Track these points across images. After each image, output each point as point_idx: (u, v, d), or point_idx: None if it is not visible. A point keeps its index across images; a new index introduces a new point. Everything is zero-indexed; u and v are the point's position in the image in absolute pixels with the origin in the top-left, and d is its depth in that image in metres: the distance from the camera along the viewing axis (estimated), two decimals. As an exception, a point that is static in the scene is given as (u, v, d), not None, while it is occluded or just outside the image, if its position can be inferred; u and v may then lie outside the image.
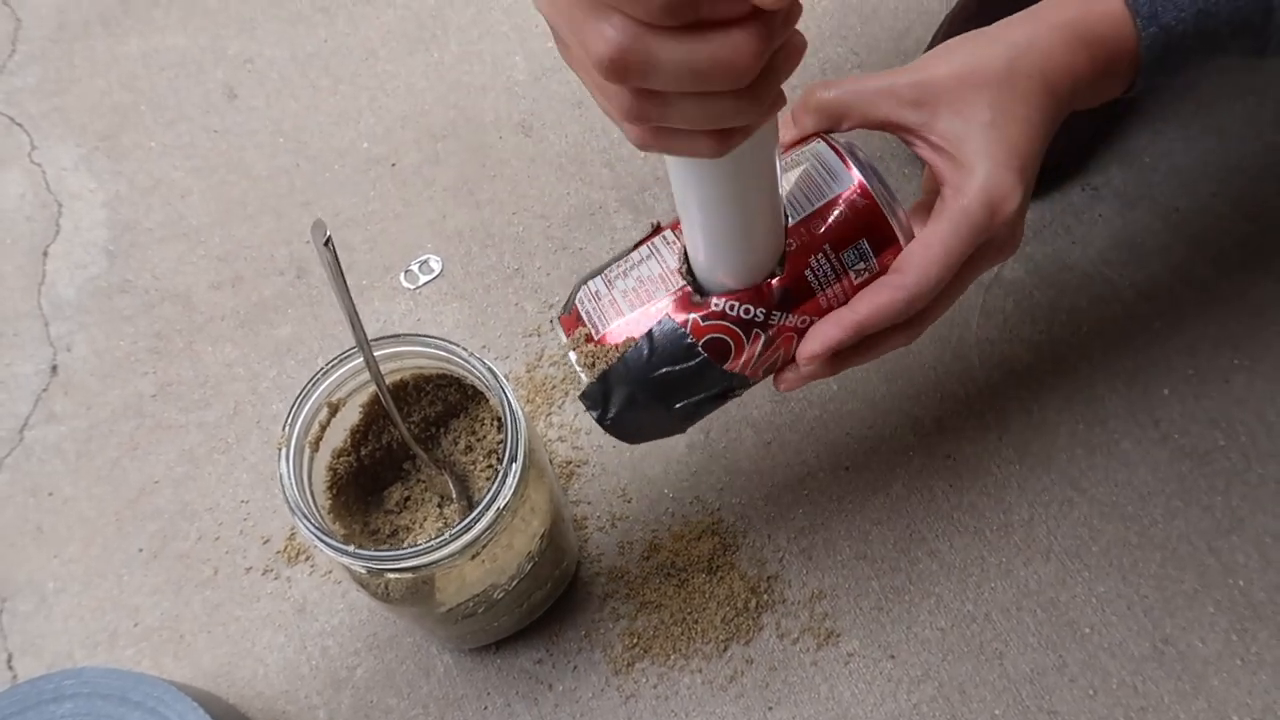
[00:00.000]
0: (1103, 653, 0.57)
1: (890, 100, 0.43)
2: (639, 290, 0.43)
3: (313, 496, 0.47)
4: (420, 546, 0.43)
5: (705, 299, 0.42)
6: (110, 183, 0.74)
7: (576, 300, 0.44)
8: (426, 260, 0.70)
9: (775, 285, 0.42)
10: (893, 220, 0.42)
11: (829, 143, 0.44)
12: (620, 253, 0.45)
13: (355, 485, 0.52)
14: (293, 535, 0.62)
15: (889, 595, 0.59)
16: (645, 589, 0.59)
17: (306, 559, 0.61)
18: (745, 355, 0.43)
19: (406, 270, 0.69)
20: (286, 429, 0.46)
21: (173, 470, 0.64)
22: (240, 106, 0.76)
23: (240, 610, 0.60)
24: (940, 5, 0.76)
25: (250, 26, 0.79)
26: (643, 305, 0.42)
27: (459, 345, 0.47)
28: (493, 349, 0.67)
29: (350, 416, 0.51)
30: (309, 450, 0.47)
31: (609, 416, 0.44)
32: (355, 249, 0.70)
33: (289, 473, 0.45)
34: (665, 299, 0.42)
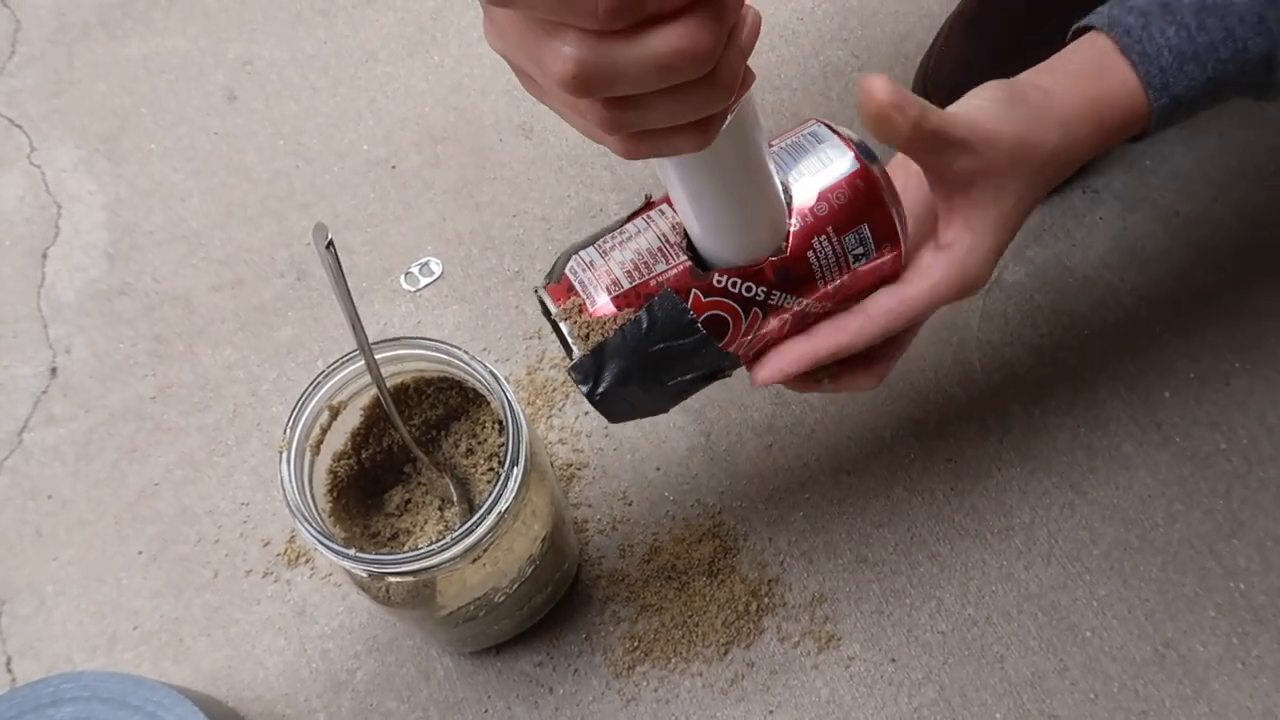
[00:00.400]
0: (1104, 656, 0.57)
1: (944, 128, 0.42)
2: (637, 263, 0.41)
3: (314, 500, 0.46)
4: (421, 550, 0.43)
5: (707, 274, 0.41)
6: (110, 185, 0.74)
7: (567, 270, 0.42)
8: (427, 262, 0.70)
9: (777, 264, 0.41)
10: (892, 208, 0.42)
11: (828, 125, 0.44)
12: (611, 225, 0.44)
13: (356, 488, 0.52)
14: (292, 538, 0.62)
15: (890, 598, 0.59)
16: (646, 592, 0.59)
17: (306, 561, 0.61)
18: (741, 334, 0.42)
19: (407, 273, 0.69)
20: (288, 432, 0.46)
21: (172, 473, 0.64)
22: (240, 109, 0.76)
23: (240, 613, 0.60)
24: (941, 9, 0.76)
25: (250, 29, 0.79)
26: (642, 278, 0.41)
27: (460, 348, 0.47)
28: (493, 351, 0.67)
29: (351, 419, 0.51)
30: (310, 453, 0.47)
31: (599, 391, 0.42)
32: (355, 251, 0.70)
33: (290, 476, 0.45)
34: (665, 272, 0.41)
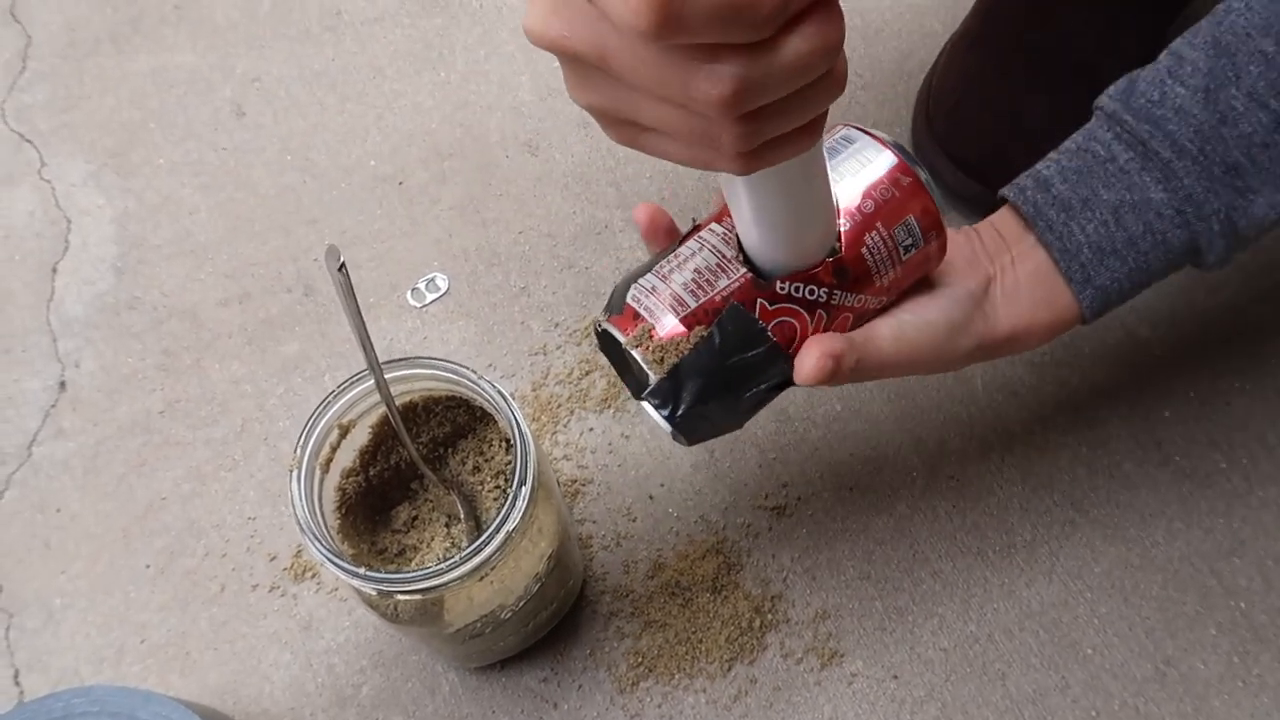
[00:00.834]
0: (1105, 674, 0.57)
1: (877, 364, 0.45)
2: (699, 281, 0.42)
3: (322, 517, 0.47)
4: (430, 569, 0.44)
5: (769, 282, 0.41)
6: (119, 199, 0.74)
7: (629, 299, 0.43)
8: (433, 279, 0.70)
9: (834, 264, 0.42)
10: (933, 197, 0.43)
11: (858, 128, 0.44)
12: (661, 252, 0.44)
13: (363, 505, 0.53)
14: (299, 552, 0.62)
15: (892, 615, 0.59)
16: (650, 608, 0.60)
17: (313, 576, 0.62)
18: (808, 338, 0.43)
19: (413, 289, 0.70)
20: (298, 451, 0.46)
21: (180, 487, 0.64)
22: (248, 124, 0.77)
23: (246, 627, 0.60)
24: (943, 28, 0.76)
25: (258, 45, 0.80)
26: (707, 295, 0.41)
27: (468, 368, 0.47)
28: (498, 367, 0.67)
29: (360, 437, 0.51)
30: (319, 471, 0.48)
31: (679, 413, 0.42)
32: (362, 267, 0.71)
33: (300, 494, 0.45)
34: (729, 286, 0.41)
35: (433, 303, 0.70)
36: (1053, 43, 0.66)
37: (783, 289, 0.41)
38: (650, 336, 0.41)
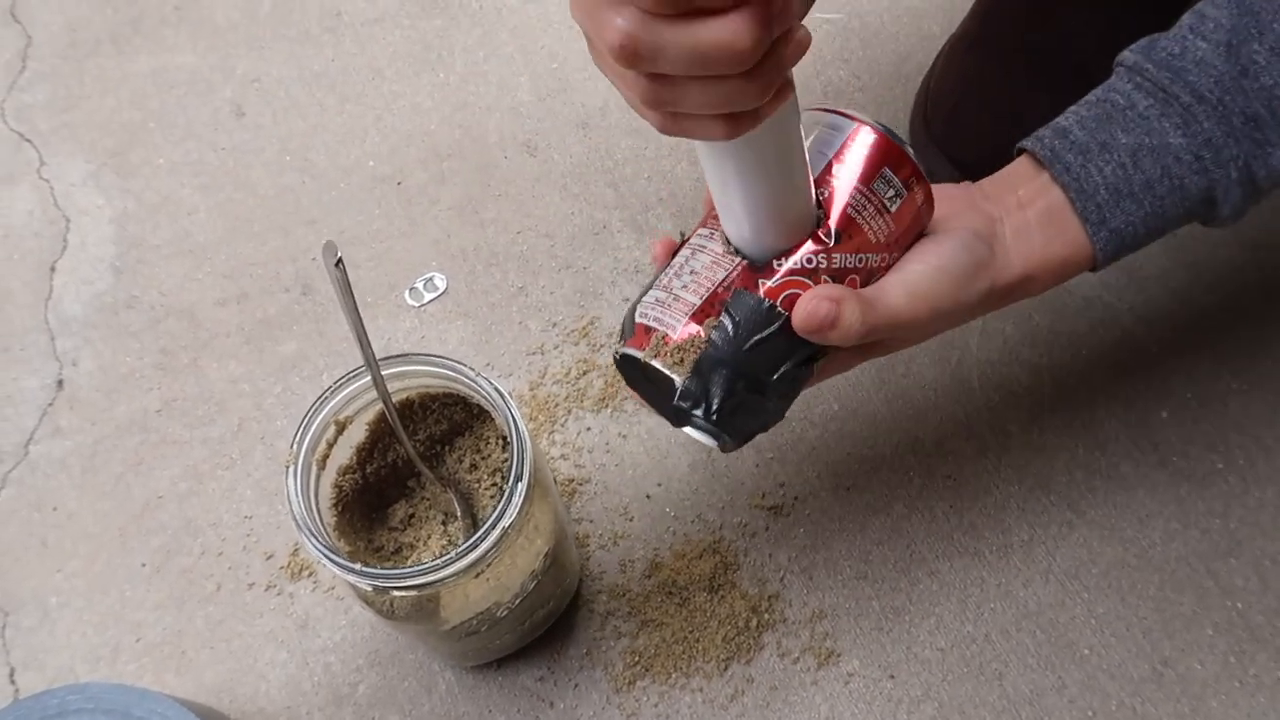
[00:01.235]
0: (1102, 674, 0.57)
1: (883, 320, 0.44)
2: (699, 281, 0.43)
3: (319, 514, 0.47)
4: (425, 565, 0.44)
5: (765, 264, 0.42)
6: (118, 199, 0.74)
7: (638, 318, 0.44)
8: (431, 278, 0.70)
9: (823, 230, 0.42)
10: (904, 146, 0.43)
11: (823, 109, 0.45)
12: (657, 272, 0.45)
13: (360, 502, 0.53)
14: (296, 551, 0.62)
15: (889, 615, 0.59)
16: (647, 607, 0.60)
17: (309, 575, 0.62)
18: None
19: (411, 288, 0.70)
20: (294, 447, 0.46)
21: (177, 485, 0.64)
22: (248, 125, 0.77)
23: (243, 626, 0.60)
24: (940, 30, 0.77)
25: (258, 46, 0.80)
26: (709, 290, 0.42)
27: (465, 365, 0.47)
28: (496, 367, 0.67)
29: (356, 434, 0.51)
30: (315, 468, 0.48)
31: (714, 411, 0.42)
32: (361, 266, 0.71)
33: (296, 490, 0.45)
34: (728, 277, 0.42)
35: (431, 302, 0.70)
36: (1053, 43, 0.66)
37: (779, 265, 0.42)
38: (666, 343, 0.42)
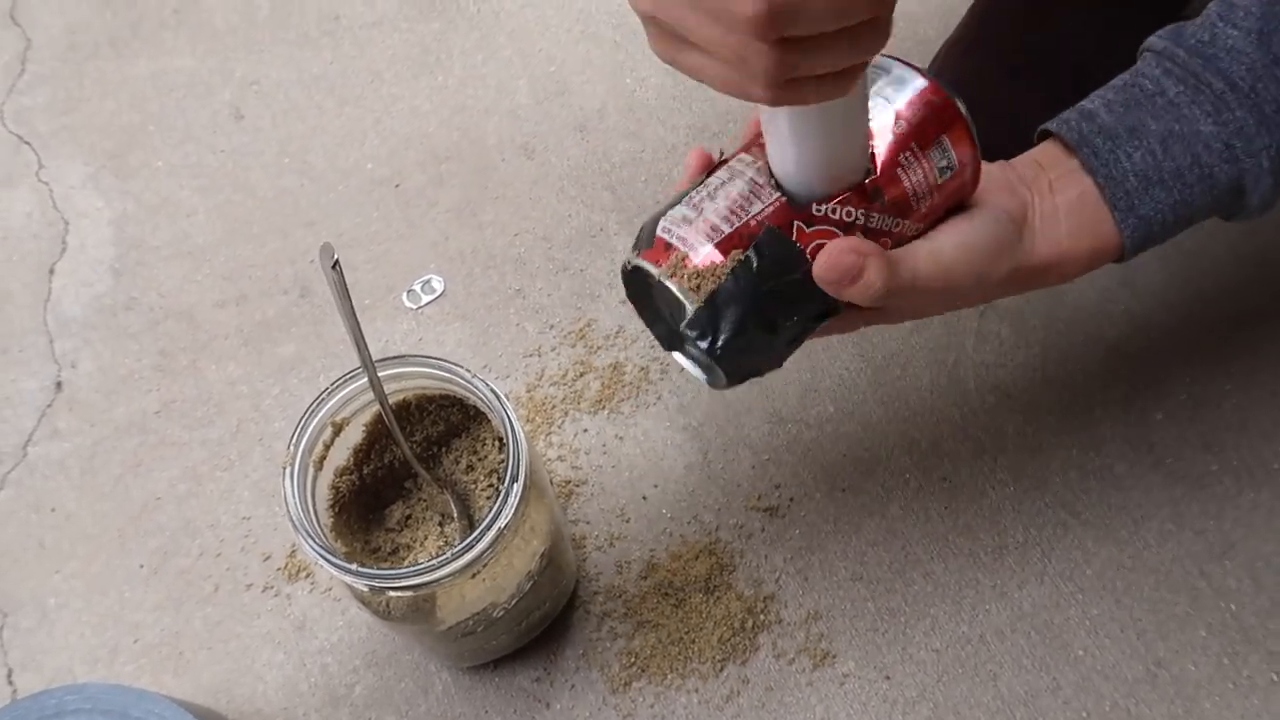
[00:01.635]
0: (1096, 675, 0.57)
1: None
2: (732, 208, 0.41)
3: (316, 515, 0.47)
4: (422, 565, 0.44)
5: (804, 205, 0.41)
6: (117, 201, 0.75)
7: (659, 231, 0.41)
8: (429, 280, 0.70)
9: (870, 185, 0.41)
10: (968, 120, 0.42)
11: (892, 57, 0.43)
12: (689, 186, 0.43)
13: (357, 503, 0.53)
14: (293, 552, 0.62)
15: (885, 616, 0.59)
16: (643, 608, 0.60)
17: (307, 576, 0.62)
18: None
19: (409, 290, 0.70)
20: (291, 448, 0.46)
21: (175, 487, 0.65)
22: (246, 127, 0.77)
23: (240, 627, 0.61)
24: (936, 34, 0.77)
25: (257, 49, 0.80)
26: (741, 220, 0.40)
27: (462, 366, 0.47)
28: (493, 369, 0.67)
29: (353, 435, 0.51)
30: (312, 469, 0.48)
31: (719, 345, 0.40)
32: (358, 269, 0.71)
33: (293, 491, 0.46)
34: (763, 211, 0.41)
35: (428, 304, 0.70)
36: (1051, 44, 0.66)
37: (819, 210, 0.41)
38: (685, 265, 0.40)
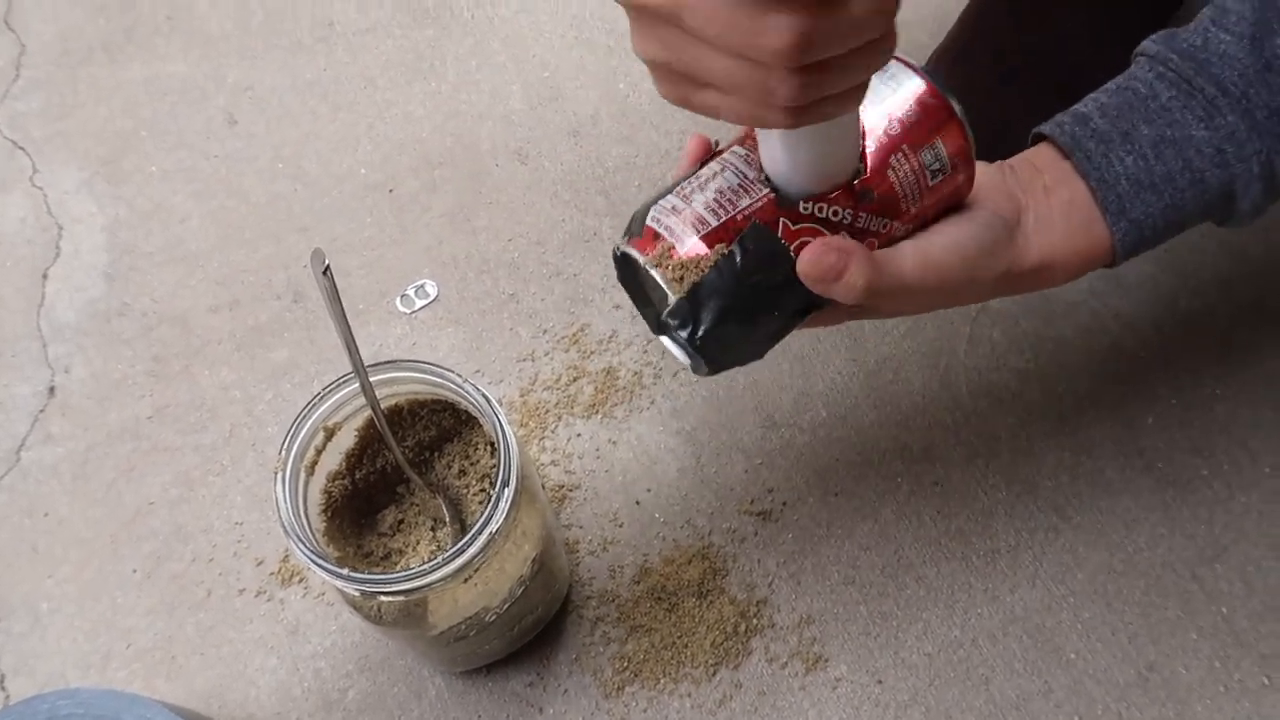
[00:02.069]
0: (1088, 679, 0.57)
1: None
2: (720, 201, 0.41)
3: (308, 520, 0.47)
4: (413, 570, 0.44)
5: (793, 202, 0.41)
6: (110, 207, 0.75)
7: (649, 220, 0.42)
8: (422, 285, 0.71)
9: (859, 186, 0.41)
10: (964, 124, 0.42)
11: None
12: (681, 176, 0.44)
13: (349, 508, 0.53)
14: (286, 557, 0.62)
15: (877, 620, 0.60)
16: (636, 613, 0.60)
17: (300, 581, 0.62)
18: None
19: (403, 295, 0.70)
20: (283, 452, 0.46)
21: (168, 492, 0.65)
22: (240, 133, 0.77)
23: (233, 632, 0.61)
24: (930, 39, 0.77)
25: (251, 55, 0.80)
26: (728, 214, 0.41)
27: (453, 371, 0.48)
28: (486, 374, 0.68)
29: (345, 440, 0.51)
30: (304, 474, 0.48)
31: (699, 335, 0.41)
32: (352, 274, 0.71)
33: (285, 496, 0.46)
34: (751, 206, 0.41)
35: (422, 309, 0.70)
36: (1043, 51, 0.67)
37: (806, 209, 0.41)
38: (671, 255, 0.41)
